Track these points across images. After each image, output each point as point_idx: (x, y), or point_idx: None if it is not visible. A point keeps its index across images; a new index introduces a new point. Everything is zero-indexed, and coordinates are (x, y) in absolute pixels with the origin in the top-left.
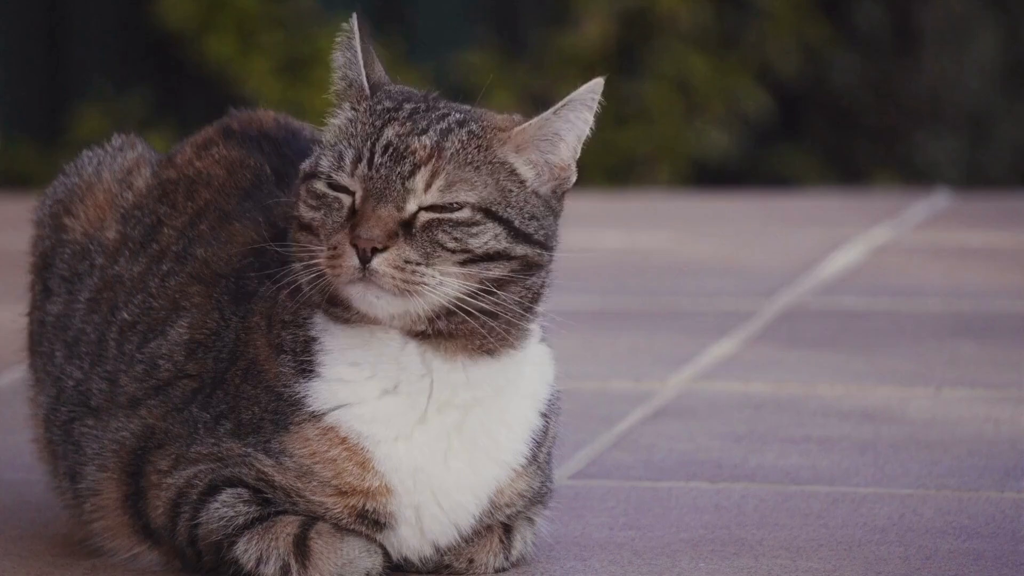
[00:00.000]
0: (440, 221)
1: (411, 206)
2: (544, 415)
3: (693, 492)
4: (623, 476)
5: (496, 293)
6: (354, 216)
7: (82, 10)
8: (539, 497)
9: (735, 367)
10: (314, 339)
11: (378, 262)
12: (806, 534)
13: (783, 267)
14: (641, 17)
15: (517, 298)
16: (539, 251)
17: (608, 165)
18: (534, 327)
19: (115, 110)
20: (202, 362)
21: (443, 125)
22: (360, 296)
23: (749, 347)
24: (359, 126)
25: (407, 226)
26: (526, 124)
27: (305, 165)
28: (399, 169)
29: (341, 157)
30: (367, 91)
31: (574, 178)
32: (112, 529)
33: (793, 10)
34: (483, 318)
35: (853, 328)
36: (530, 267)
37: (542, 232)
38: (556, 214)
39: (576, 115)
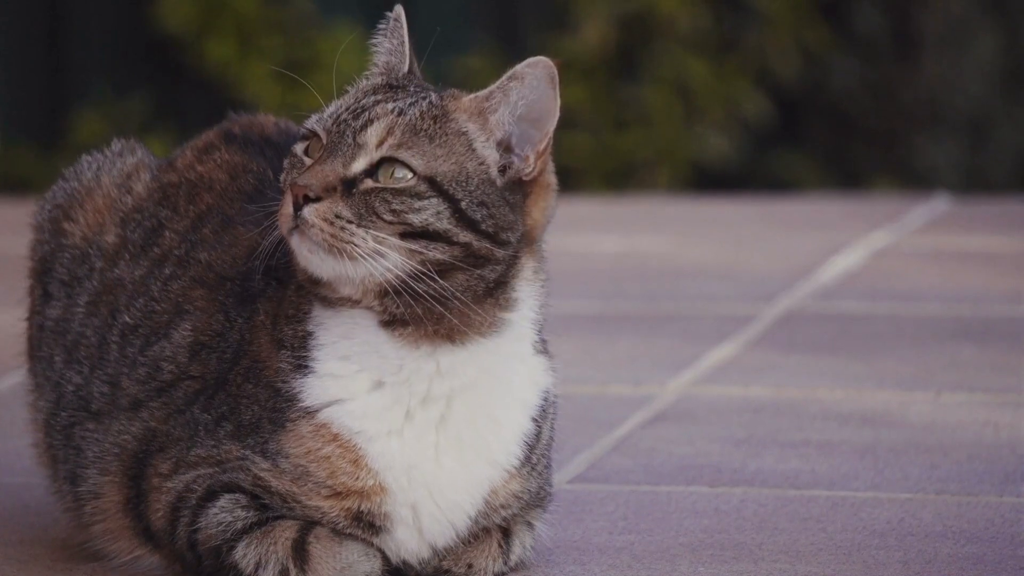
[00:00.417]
0: (381, 189)
1: (359, 164)
2: (535, 420)
3: (692, 496)
4: (622, 480)
5: (437, 279)
6: None
7: (81, 13)
8: (537, 501)
9: (734, 371)
10: (311, 333)
11: (308, 211)
12: (805, 538)
13: (783, 271)
14: (640, 21)
15: (465, 287)
16: (486, 244)
17: (608, 169)
18: (512, 317)
19: (115, 114)
20: (205, 363)
21: (412, 99)
22: (297, 248)
23: (748, 351)
24: (357, 94)
25: (350, 185)
26: (480, 92)
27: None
28: (354, 124)
29: (322, 111)
30: (404, 69)
31: (528, 170)
32: (113, 532)
33: (792, 14)
34: (430, 303)
35: (853, 332)
36: (477, 258)
37: (491, 222)
38: (513, 208)
39: (520, 89)
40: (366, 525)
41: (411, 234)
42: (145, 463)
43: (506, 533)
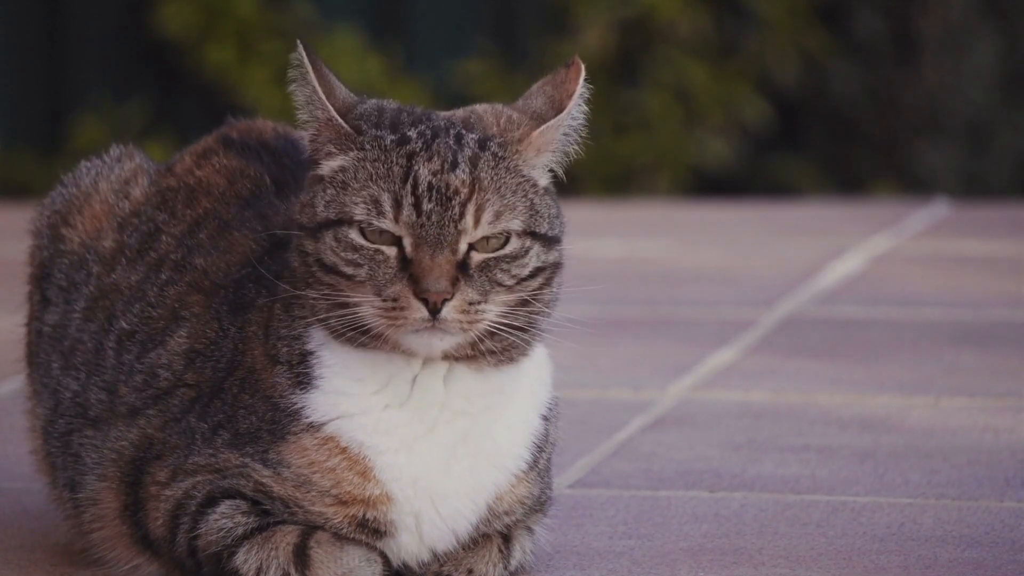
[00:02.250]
0: (496, 260)
1: (463, 246)
2: (545, 418)
3: (692, 501)
4: (622, 485)
5: (532, 304)
6: (407, 265)
7: (81, 19)
8: (539, 505)
9: (734, 376)
10: (311, 352)
11: (447, 311)
12: (805, 543)
13: (782, 276)
14: (640, 26)
15: (549, 299)
16: (559, 247)
17: (607, 174)
18: (549, 322)
19: (114, 119)
20: (200, 372)
21: (468, 152)
22: (423, 343)
23: (748, 356)
24: (377, 166)
25: (463, 266)
26: (540, 128)
27: (323, 212)
28: (449, 213)
29: (378, 202)
30: (347, 129)
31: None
32: (112, 540)
33: (792, 19)
34: (517, 331)
35: (852, 337)
36: (556, 267)
37: (559, 227)
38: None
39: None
40: (370, 531)
41: (518, 283)
42: (142, 470)
43: (506, 538)
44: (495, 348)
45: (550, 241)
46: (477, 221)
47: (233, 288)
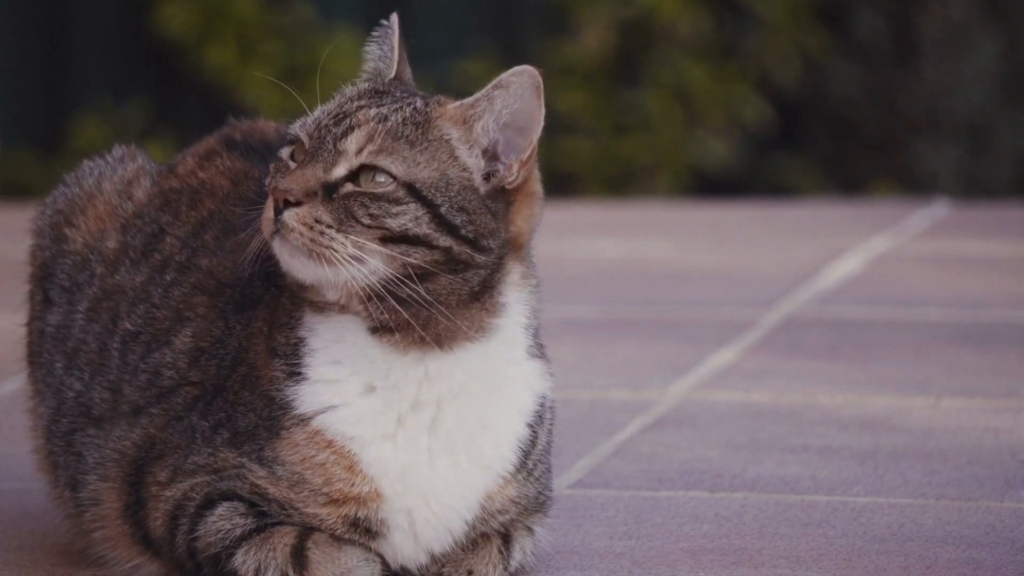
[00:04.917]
0: (360, 194)
1: (339, 170)
2: (530, 425)
3: (693, 502)
4: (622, 486)
5: (419, 284)
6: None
7: (82, 19)
8: (537, 506)
9: (735, 376)
10: (302, 340)
11: (288, 215)
12: (806, 544)
13: (783, 276)
14: (640, 26)
15: (448, 291)
16: (467, 249)
17: (608, 175)
18: (501, 323)
19: (115, 119)
20: (205, 369)
21: (397, 105)
22: (279, 251)
23: (749, 356)
24: (346, 95)
25: (330, 190)
26: (458, 103)
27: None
28: (335, 130)
29: (307, 115)
30: (391, 74)
31: (512, 179)
32: (113, 539)
33: (792, 19)
34: (414, 307)
35: (853, 337)
36: (457, 263)
37: (471, 228)
38: (495, 215)
39: (506, 97)
40: (363, 531)
41: (391, 239)
42: (144, 470)
43: (506, 539)
44: (394, 321)
45: (446, 225)
46: (360, 149)
47: (241, 286)
